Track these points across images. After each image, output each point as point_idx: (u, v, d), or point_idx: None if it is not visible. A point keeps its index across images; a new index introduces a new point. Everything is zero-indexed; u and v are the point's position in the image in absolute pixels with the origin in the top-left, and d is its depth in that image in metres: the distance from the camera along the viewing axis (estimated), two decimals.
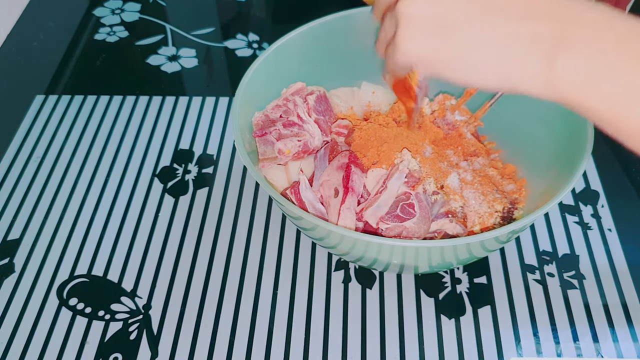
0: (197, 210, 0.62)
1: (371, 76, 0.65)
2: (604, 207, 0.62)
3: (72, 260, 0.58)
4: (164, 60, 0.80)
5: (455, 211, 0.53)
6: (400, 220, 0.49)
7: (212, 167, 0.67)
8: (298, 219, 0.48)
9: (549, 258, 0.58)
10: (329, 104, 0.60)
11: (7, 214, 0.62)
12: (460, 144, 0.58)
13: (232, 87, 0.77)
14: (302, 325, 0.53)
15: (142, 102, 0.74)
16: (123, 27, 0.86)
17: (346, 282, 0.56)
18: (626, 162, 0.66)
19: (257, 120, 0.57)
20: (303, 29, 0.60)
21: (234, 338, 0.52)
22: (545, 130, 0.57)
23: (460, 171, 0.55)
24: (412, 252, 0.46)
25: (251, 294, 0.55)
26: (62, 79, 0.78)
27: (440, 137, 0.59)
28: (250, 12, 0.89)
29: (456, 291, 0.55)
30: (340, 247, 0.49)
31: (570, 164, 0.49)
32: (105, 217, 0.62)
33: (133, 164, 0.67)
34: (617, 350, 0.51)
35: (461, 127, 0.59)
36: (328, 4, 0.75)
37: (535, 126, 0.58)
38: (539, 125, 0.58)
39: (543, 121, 0.57)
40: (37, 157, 0.68)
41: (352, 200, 0.51)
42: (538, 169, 0.56)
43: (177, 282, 0.56)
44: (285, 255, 0.58)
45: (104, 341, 0.52)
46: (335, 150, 0.56)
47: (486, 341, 0.52)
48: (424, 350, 0.51)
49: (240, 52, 0.81)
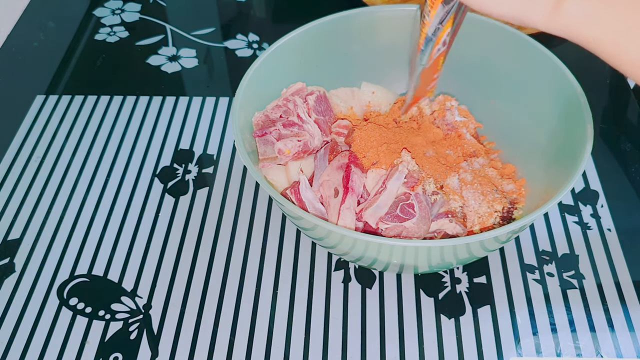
0: (197, 210, 0.62)
1: (371, 76, 0.65)
2: (603, 207, 0.62)
3: (73, 260, 0.58)
4: (164, 60, 0.80)
5: (455, 211, 0.53)
6: (400, 220, 0.50)
7: (212, 167, 0.67)
8: (298, 219, 0.48)
9: (548, 258, 0.58)
10: (329, 104, 0.60)
11: (7, 214, 0.62)
12: (460, 144, 0.58)
13: (232, 87, 0.77)
14: (302, 325, 0.53)
15: (143, 102, 0.74)
16: (123, 28, 0.86)
17: (346, 282, 0.56)
18: (626, 162, 0.66)
19: (257, 120, 0.57)
20: (303, 29, 0.60)
21: (234, 338, 0.53)
22: (544, 130, 0.57)
23: (460, 171, 0.55)
24: (412, 252, 0.46)
25: (251, 294, 0.55)
26: (62, 79, 0.78)
27: (440, 138, 0.59)
28: (250, 12, 0.89)
29: (456, 291, 0.55)
30: (340, 247, 0.49)
31: (570, 164, 0.49)
32: (106, 217, 0.62)
33: (133, 164, 0.67)
34: (617, 350, 0.51)
35: (460, 128, 0.59)
36: (328, 4, 0.75)
37: (534, 126, 0.58)
38: (538, 126, 0.58)
39: (542, 121, 0.57)
40: (37, 157, 0.68)
41: (352, 200, 0.51)
42: (538, 169, 0.56)
43: (177, 282, 0.56)
44: (285, 255, 0.58)
45: (104, 341, 0.52)
46: (335, 151, 0.56)
47: (486, 341, 0.52)
48: (423, 350, 0.51)
49: (240, 52, 0.81)
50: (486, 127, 0.62)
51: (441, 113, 0.60)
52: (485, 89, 0.62)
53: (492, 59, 0.61)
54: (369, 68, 0.65)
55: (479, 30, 0.60)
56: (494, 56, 0.61)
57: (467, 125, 0.60)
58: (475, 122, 0.61)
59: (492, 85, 0.62)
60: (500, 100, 0.62)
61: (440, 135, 0.59)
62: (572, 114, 0.53)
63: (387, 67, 0.65)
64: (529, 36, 0.58)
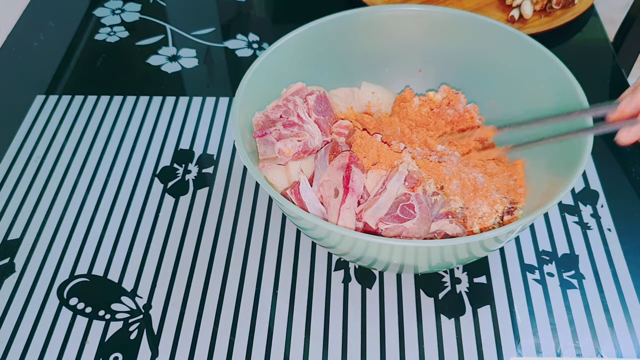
0: (197, 210, 0.62)
1: (371, 76, 0.65)
2: (603, 207, 0.62)
3: (73, 260, 0.58)
4: (164, 60, 0.80)
5: (455, 212, 0.53)
6: (400, 220, 0.50)
7: (213, 167, 0.67)
8: (298, 219, 0.48)
9: (548, 258, 0.58)
10: (329, 104, 0.60)
11: (7, 214, 0.62)
12: (472, 127, 0.58)
13: (232, 87, 0.77)
14: (302, 325, 0.53)
15: (143, 102, 0.74)
16: (123, 28, 0.86)
17: (346, 282, 0.56)
18: (626, 162, 0.66)
19: (257, 120, 0.57)
20: (303, 29, 0.60)
21: (234, 338, 0.53)
22: (544, 131, 0.57)
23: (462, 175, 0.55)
24: (412, 252, 0.46)
25: (251, 294, 0.55)
26: (62, 79, 0.78)
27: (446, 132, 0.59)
28: (250, 12, 0.89)
29: (456, 291, 0.55)
30: (340, 247, 0.49)
31: (570, 164, 0.49)
32: (106, 217, 0.62)
33: (133, 164, 0.67)
34: (617, 350, 0.51)
35: (471, 112, 0.60)
36: (328, 4, 0.75)
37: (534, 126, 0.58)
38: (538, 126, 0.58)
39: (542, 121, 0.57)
40: (37, 157, 0.68)
41: (352, 201, 0.51)
42: (538, 169, 0.56)
43: (177, 282, 0.56)
44: (285, 255, 0.58)
45: (104, 341, 0.53)
46: (336, 151, 0.56)
47: (486, 341, 0.52)
48: (423, 349, 0.51)
49: (241, 52, 0.81)
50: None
51: (452, 100, 0.60)
52: (486, 89, 0.62)
53: (492, 59, 0.61)
54: (369, 68, 0.65)
55: (479, 30, 0.60)
56: (494, 56, 0.61)
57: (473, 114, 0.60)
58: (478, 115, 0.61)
59: (492, 85, 0.62)
60: (500, 100, 0.62)
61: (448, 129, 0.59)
62: (573, 114, 0.52)
63: (387, 67, 0.65)
64: (529, 36, 0.58)
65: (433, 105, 0.61)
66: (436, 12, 0.62)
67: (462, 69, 0.63)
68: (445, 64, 0.64)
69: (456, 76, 0.64)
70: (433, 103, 0.61)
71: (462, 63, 0.63)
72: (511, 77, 0.60)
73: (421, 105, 0.60)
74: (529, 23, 0.81)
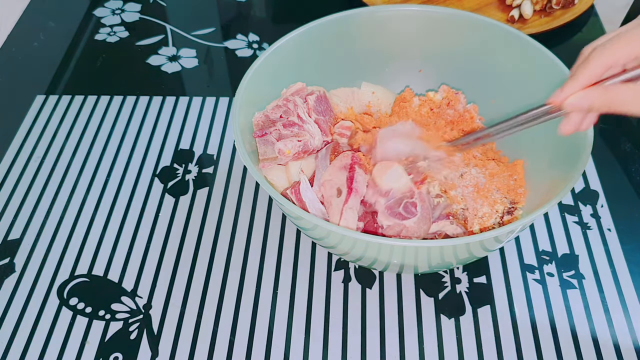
0: (198, 210, 0.62)
1: (371, 76, 0.65)
2: (603, 207, 0.62)
3: (73, 260, 0.58)
4: (164, 60, 0.80)
5: (456, 213, 0.53)
6: (401, 218, 0.50)
7: (213, 167, 0.67)
8: (298, 219, 0.48)
9: (548, 258, 0.58)
10: (329, 104, 0.60)
11: (7, 214, 0.62)
12: (472, 127, 0.58)
13: (232, 87, 0.77)
14: (302, 325, 0.53)
15: (143, 102, 0.74)
16: (123, 28, 0.86)
17: (346, 282, 0.56)
18: (626, 162, 0.66)
19: (257, 120, 0.57)
20: (303, 29, 0.60)
21: (234, 338, 0.53)
22: (544, 131, 0.57)
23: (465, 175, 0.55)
24: (412, 252, 0.46)
25: (251, 294, 0.55)
26: (62, 79, 0.78)
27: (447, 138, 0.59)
28: (251, 12, 0.89)
29: (456, 291, 0.55)
30: (340, 247, 0.49)
31: (570, 164, 0.49)
32: (106, 217, 0.62)
33: (133, 164, 0.67)
34: (617, 350, 0.51)
35: (471, 112, 0.59)
36: (328, 4, 0.75)
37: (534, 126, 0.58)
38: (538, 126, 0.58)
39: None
40: (37, 157, 0.68)
41: (355, 201, 0.51)
42: (538, 169, 0.56)
43: (177, 282, 0.56)
44: (285, 255, 0.58)
45: (105, 341, 0.53)
46: (337, 151, 0.56)
47: (486, 341, 0.52)
48: (423, 349, 0.51)
49: (241, 52, 0.81)
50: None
51: (451, 100, 0.60)
52: (486, 89, 0.62)
53: (492, 59, 0.61)
54: (369, 68, 0.65)
55: (479, 30, 0.60)
56: (494, 56, 0.61)
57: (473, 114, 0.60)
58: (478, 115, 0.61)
59: (492, 85, 0.62)
60: (500, 100, 0.62)
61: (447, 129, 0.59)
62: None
63: (387, 67, 0.65)
64: (529, 36, 0.58)
65: (433, 105, 0.61)
66: (436, 12, 0.62)
67: (462, 69, 0.63)
68: (445, 64, 0.64)
69: (456, 76, 0.64)
70: (433, 103, 0.61)
71: (462, 63, 0.63)
72: (511, 77, 0.60)
73: (421, 105, 0.61)
74: (529, 23, 0.81)
